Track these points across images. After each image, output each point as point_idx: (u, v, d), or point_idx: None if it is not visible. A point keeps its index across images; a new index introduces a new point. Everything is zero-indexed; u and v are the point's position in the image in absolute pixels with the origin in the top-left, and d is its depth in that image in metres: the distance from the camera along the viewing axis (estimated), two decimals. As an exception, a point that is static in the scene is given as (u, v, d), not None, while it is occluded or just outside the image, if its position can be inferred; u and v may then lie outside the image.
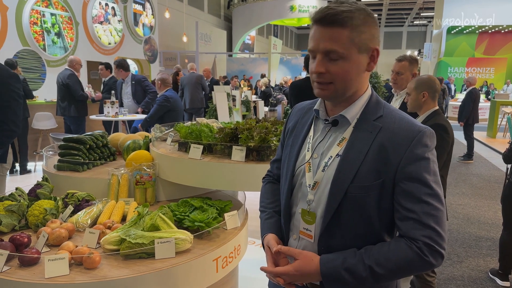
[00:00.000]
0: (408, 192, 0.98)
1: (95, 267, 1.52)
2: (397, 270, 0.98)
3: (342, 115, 1.07)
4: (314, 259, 1.04)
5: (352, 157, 1.02)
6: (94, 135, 2.57)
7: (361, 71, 1.03)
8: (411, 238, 0.98)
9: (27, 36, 8.08)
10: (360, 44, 1.00)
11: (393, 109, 1.09)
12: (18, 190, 2.07)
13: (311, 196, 1.10)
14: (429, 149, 1.01)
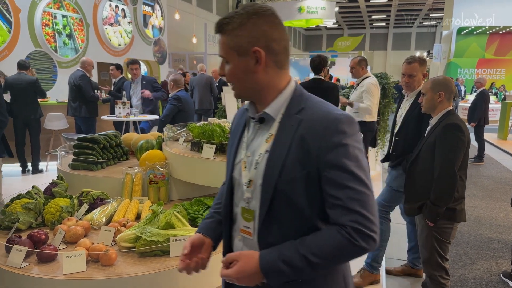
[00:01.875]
0: (332, 180, 1.00)
1: (111, 264, 1.55)
2: (331, 257, 0.99)
3: (265, 112, 1.09)
4: (254, 257, 1.04)
5: (278, 152, 1.04)
6: (107, 135, 2.60)
7: (249, 72, 1.05)
8: (340, 224, 0.99)
9: (39, 38, 8.19)
10: (237, 48, 1.04)
11: (317, 100, 1.09)
12: (35, 188, 2.11)
13: (248, 194, 1.12)
14: (347, 135, 1.00)
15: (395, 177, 2.80)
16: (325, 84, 4.19)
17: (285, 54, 1.09)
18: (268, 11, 1.05)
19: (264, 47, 1.03)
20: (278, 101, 1.08)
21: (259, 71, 1.05)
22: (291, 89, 1.10)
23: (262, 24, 1.03)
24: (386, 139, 6.22)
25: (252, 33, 1.03)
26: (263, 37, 1.03)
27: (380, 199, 2.95)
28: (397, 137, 2.83)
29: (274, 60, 1.06)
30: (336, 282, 1.12)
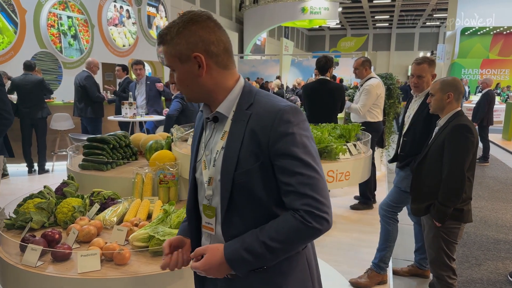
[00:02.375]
0: (282, 168, 1.05)
1: (125, 263, 1.56)
2: (288, 241, 1.04)
3: (218, 111, 1.15)
4: (219, 249, 1.10)
5: (232, 146, 1.10)
6: (117, 135, 2.62)
7: (194, 77, 1.10)
8: (293, 209, 1.05)
9: (45, 39, 8.24)
10: (178, 55, 1.09)
11: (264, 94, 1.15)
12: (46, 188, 2.13)
13: (209, 191, 1.17)
14: (293, 124, 1.06)
15: (403, 177, 2.81)
16: (331, 85, 4.19)
17: (227, 55, 1.12)
18: (202, 17, 1.09)
19: (203, 51, 1.08)
20: (229, 100, 1.14)
21: (203, 74, 1.10)
22: (240, 87, 1.16)
23: (198, 30, 1.08)
24: (391, 139, 6.22)
25: (189, 40, 1.07)
26: (200, 42, 1.08)
27: (388, 200, 2.96)
28: (405, 138, 2.83)
29: (216, 62, 1.10)
30: (299, 265, 1.18)
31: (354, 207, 4.76)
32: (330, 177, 2.14)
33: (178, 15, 10.93)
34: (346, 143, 2.27)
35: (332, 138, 2.24)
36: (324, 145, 2.17)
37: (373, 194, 4.81)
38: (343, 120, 5.72)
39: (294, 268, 1.17)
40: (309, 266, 1.22)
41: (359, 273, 3.10)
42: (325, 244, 3.74)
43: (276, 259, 1.07)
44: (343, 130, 2.49)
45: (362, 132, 2.69)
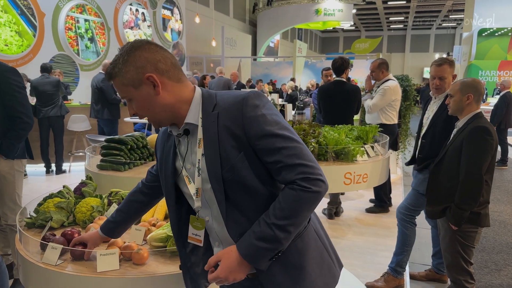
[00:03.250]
0: (265, 149, 1.08)
1: (143, 263, 1.56)
2: (295, 213, 1.06)
3: (187, 123, 1.16)
4: (232, 250, 1.11)
5: (211, 149, 1.12)
6: (134, 136, 2.64)
7: (152, 98, 1.12)
8: (289, 182, 1.08)
9: (62, 41, 8.39)
10: (131, 83, 1.11)
11: (224, 93, 1.19)
12: (66, 188, 2.16)
13: (198, 203, 1.20)
14: (260, 107, 1.10)
15: (421, 180, 2.76)
16: (348, 86, 4.16)
17: (175, 69, 1.15)
18: (142, 42, 1.13)
19: (154, 71, 1.11)
20: (193, 109, 1.16)
21: (159, 92, 1.12)
22: (199, 94, 1.19)
23: (142, 53, 1.11)
24: (407, 142, 6.14)
25: (137, 64, 1.10)
26: (148, 63, 1.10)
27: (406, 203, 2.91)
28: (424, 140, 2.79)
29: (168, 77, 1.13)
30: (311, 238, 1.22)
31: (369, 210, 4.70)
32: (347, 179, 2.12)
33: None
34: (363, 145, 2.25)
35: (349, 140, 2.22)
36: (341, 146, 2.15)
37: (388, 197, 4.75)
38: (359, 122, 5.67)
39: (308, 242, 1.19)
40: (319, 236, 1.25)
41: (375, 276, 3.06)
42: (340, 247, 3.71)
43: (290, 236, 1.09)
44: (360, 132, 2.46)
45: (379, 134, 2.66)
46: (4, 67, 2.59)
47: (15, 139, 2.58)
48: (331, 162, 2.50)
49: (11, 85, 2.56)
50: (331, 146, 2.37)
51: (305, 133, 2.16)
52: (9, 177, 2.60)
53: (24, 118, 2.59)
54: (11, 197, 2.62)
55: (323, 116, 4.34)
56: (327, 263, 1.25)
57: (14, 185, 2.63)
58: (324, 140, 2.35)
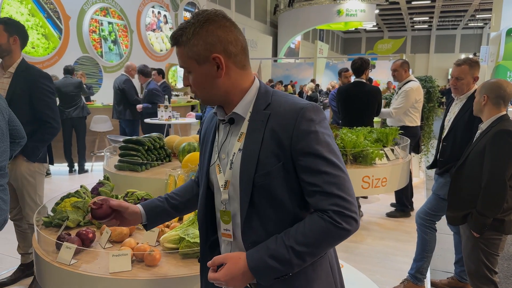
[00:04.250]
0: (306, 167, 1.02)
1: (155, 264, 1.56)
2: (316, 243, 1.00)
3: (235, 112, 1.11)
4: (241, 257, 1.05)
5: (251, 148, 1.06)
6: (151, 137, 2.66)
7: (212, 78, 1.06)
8: (320, 210, 1.01)
9: (87, 44, 8.59)
10: (196, 57, 1.05)
11: (281, 94, 1.12)
12: (83, 187, 2.18)
13: (225, 195, 1.13)
14: (315, 122, 1.03)
15: (442, 184, 2.67)
16: (367, 87, 4.08)
17: (244, 54, 1.09)
18: (218, 16, 1.06)
19: (222, 52, 1.05)
20: (245, 100, 1.11)
21: (221, 76, 1.06)
22: (256, 87, 1.13)
23: (215, 30, 1.04)
24: (430, 145, 5.98)
25: (207, 40, 1.04)
26: (218, 42, 1.04)
27: (426, 207, 2.82)
28: (445, 143, 2.70)
29: (234, 62, 1.07)
30: (324, 270, 1.14)
31: (390, 214, 4.59)
32: (366, 183, 2.07)
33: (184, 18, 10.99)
34: (383, 148, 2.18)
35: (368, 143, 2.16)
36: (359, 149, 2.09)
37: (410, 201, 4.62)
38: (380, 124, 5.56)
39: (318, 273, 1.13)
40: (332, 270, 1.18)
41: (394, 283, 2.98)
42: (359, 252, 3.63)
43: (303, 264, 1.03)
44: (379, 134, 2.39)
45: (400, 137, 2.58)
46: (38, 73, 2.66)
47: (40, 142, 2.64)
48: (349, 165, 2.43)
49: (43, 90, 2.62)
50: (348, 148, 2.31)
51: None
52: (30, 179, 2.66)
53: (53, 123, 2.65)
54: (32, 197, 2.68)
55: (342, 118, 4.27)
56: None
57: (35, 186, 2.69)
58: (341, 143, 2.30)
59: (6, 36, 2.52)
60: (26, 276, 2.91)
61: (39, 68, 2.75)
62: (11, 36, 2.54)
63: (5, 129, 2.09)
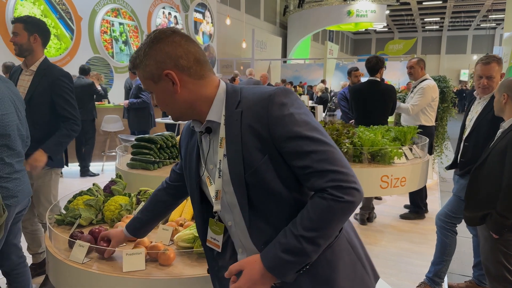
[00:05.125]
0: (292, 153, 0.99)
1: (169, 264, 1.52)
2: (324, 224, 0.97)
3: (209, 120, 1.09)
4: (256, 260, 1.03)
5: (234, 150, 1.05)
6: (164, 136, 2.63)
7: (171, 94, 1.07)
8: (319, 190, 0.98)
9: (98, 44, 8.63)
10: (150, 77, 1.07)
11: (250, 88, 1.10)
12: (95, 185, 2.16)
13: (217, 206, 1.13)
14: (287, 105, 1.01)
15: (463, 186, 2.59)
16: (382, 86, 4.00)
17: (199, 65, 1.08)
18: (166, 33, 1.06)
19: (173, 67, 1.05)
20: (215, 106, 1.09)
21: (178, 90, 1.06)
22: (222, 90, 1.11)
23: (164, 47, 1.05)
24: (444, 146, 5.87)
25: (157, 59, 1.05)
26: (168, 59, 1.05)
27: (446, 209, 2.74)
28: (467, 143, 2.61)
29: (189, 75, 1.07)
30: (343, 249, 1.11)
31: (404, 216, 4.50)
32: (384, 183, 2.01)
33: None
34: (401, 147, 2.12)
35: (387, 141, 2.10)
36: (377, 148, 2.03)
37: (424, 202, 4.53)
38: (393, 123, 5.47)
39: (338, 254, 1.09)
40: (352, 247, 1.14)
41: (410, 286, 2.90)
42: (373, 254, 3.55)
43: (319, 249, 1.00)
44: (397, 133, 2.33)
45: (418, 136, 2.51)
46: (59, 72, 2.64)
47: (64, 138, 2.58)
48: (366, 164, 2.37)
49: (64, 88, 2.60)
50: (366, 147, 2.25)
51: (338, 133, 2.06)
52: (46, 179, 2.64)
53: (77, 121, 2.62)
54: (46, 197, 2.66)
55: (355, 117, 4.20)
56: (360, 276, 1.14)
57: (50, 186, 2.67)
58: (359, 141, 2.24)
59: (26, 35, 2.51)
60: (37, 275, 2.90)
61: (60, 67, 2.74)
62: (31, 35, 2.52)
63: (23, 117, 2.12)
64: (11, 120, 1.95)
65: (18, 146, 2.01)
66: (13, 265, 2.24)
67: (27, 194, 2.12)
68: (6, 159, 1.94)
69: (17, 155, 2.02)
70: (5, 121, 1.92)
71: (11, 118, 1.96)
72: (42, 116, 2.50)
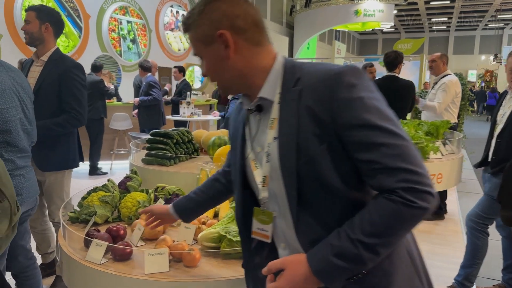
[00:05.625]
0: (358, 143, 0.85)
1: (195, 265, 1.40)
2: (389, 231, 0.83)
3: (261, 97, 0.97)
4: (301, 260, 0.90)
5: (287, 133, 0.92)
6: (180, 131, 2.52)
7: (222, 60, 0.96)
8: (387, 190, 0.84)
9: (106, 43, 8.55)
10: (202, 38, 0.97)
11: (311, 65, 0.96)
12: (110, 181, 2.04)
13: (264, 193, 1.00)
14: (357, 87, 0.86)
15: (496, 185, 2.44)
16: (401, 82, 3.87)
17: (257, 29, 0.97)
18: None
19: (228, 28, 0.93)
20: (270, 81, 0.97)
21: (231, 55, 0.95)
22: (280, 64, 0.98)
23: (220, 5, 0.94)
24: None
25: (211, 17, 0.94)
26: (224, 17, 0.94)
27: (478, 210, 2.59)
28: (500, 139, 2.47)
29: (245, 39, 0.95)
30: (402, 261, 0.96)
31: (423, 216, 4.35)
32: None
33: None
34: (436, 141, 1.99)
35: (422, 134, 1.96)
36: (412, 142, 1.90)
37: (444, 203, 4.38)
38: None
39: (396, 265, 0.94)
40: (412, 259, 0.99)
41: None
42: (394, 255, 3.41)
43: (377, 258, 0.86)
44: (430, 127, 2.19)
45: (449, 131, 2.37)
46: (71, 62, 2.52)
47: (54, 125, 2.39)
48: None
49: (73, 81, 2.46)
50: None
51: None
52: (58, 176, 2.52)
53: (77, 114, 2.44)
54: (59, 195, 2.54)
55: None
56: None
57: (62, 183, 2.55)
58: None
59: (38, 23, 2.40)
60: (47, 276, 2.79)
61: (72, 58, 2.62)
62: (43, 24, 2.40)
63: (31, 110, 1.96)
64: (12, 114, 1.78)
65: (20, 142, 1.84)
66: (22, 267, 2.12)
67: (33, 192, 1.95)
68: (6, 155, 1.77)
69: (20, 151, 1.85)
70: (6, 116, 1.74)
71: (13, 112, 1.78)
72: (49, 108, 2.36)
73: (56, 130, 2.41)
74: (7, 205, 1.48)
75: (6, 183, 1.48)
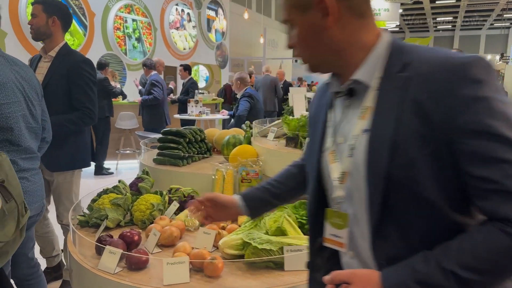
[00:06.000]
0: (474, 154, 0.69)
1: (218, 275, 1.28)
2: (495, 269, 0.68)
3: (355, 80, 0.81)
4: (372, 278, 0.75)
5: (381, 127, 0.76)
6: (192, 129, 2.40)
7: (318, 30, 0.81)
8: (502, 219, 0.67)
9: (111, 41, 8.45)
10: (298, 2, 0.81)
11: (427, 49, 0.78)
12: (121, 182, 1.93)
13: (340, 191, 0.85)
14: (484, 84, 0.70)
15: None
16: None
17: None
18: None
19: None
20: (370, 62, 0.80)
21: (330, 26, 0.79)
22: (385, 43, 0.81)
23: None
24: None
25: None
26: None
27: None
28: None
29: (349, 7, 0.79)
30: None
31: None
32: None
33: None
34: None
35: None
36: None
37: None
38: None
39: None
40: None
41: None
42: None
43: None
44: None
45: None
46: (80, 58, 2.42)
47: (68, 122, 2.29)
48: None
49: (82, 77, 2.35)
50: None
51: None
52: (68, 175, 2.41)
53: (90, 113, 2.34)
54: (68, 196, 2.43)
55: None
56: None
57: (71, 183, 2.44)
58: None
59: (45, 16, 2.29)
60: (54, 279, 2.68)
61: (81, 53, 2.51)
62: (49, 17, 2.29)
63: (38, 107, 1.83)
64: (13, 110, 1.63)
65: (24, 141, 1.68)
66: (25, 275, 1.99)
67: (38, 197, 1.78)
68: (8, 155, 1.61)
69: (24, 152, 1.69)
70: (6, 112, 1.59)
71: (15, 108, 1.63)
72: (56, 105, 2.25)
73: (69, 127, 2.30)
74: (14, 206, 1.36)
75: (12, 182, 1.37)
